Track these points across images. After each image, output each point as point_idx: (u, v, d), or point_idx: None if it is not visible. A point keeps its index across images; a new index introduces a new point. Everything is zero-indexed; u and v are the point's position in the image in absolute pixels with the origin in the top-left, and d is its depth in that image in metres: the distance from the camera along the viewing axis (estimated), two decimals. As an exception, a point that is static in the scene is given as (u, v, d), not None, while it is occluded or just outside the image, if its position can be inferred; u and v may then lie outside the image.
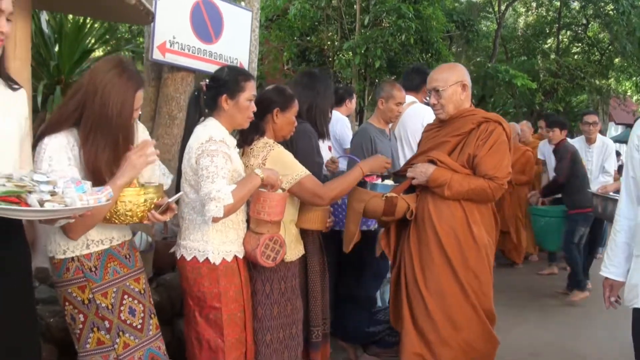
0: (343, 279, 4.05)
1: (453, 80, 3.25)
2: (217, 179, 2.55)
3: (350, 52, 10.61)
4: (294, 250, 3.14)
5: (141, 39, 8.03)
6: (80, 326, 2.43)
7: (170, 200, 2.43)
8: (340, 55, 11.50)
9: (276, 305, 3.04)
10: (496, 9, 17.16)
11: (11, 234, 2.05)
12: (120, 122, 2.33)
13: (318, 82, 3.56)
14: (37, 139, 2.30)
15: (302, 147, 3.28)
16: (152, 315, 2.58)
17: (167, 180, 2.72)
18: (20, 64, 3.46)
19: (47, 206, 1.70)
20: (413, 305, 3.23)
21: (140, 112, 2.48)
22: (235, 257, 2.81)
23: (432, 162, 3.21)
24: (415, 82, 4.79)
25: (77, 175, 2.19)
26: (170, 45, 4.51)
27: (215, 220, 2.59)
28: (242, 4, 5.66)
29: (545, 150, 7.37)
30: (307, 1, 11.12)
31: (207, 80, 2.87)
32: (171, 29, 4.50)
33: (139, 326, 2.50)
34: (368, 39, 10.55)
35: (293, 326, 3.10)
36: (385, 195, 3.13)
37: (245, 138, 3.03)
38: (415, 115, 4.55)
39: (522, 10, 20.16)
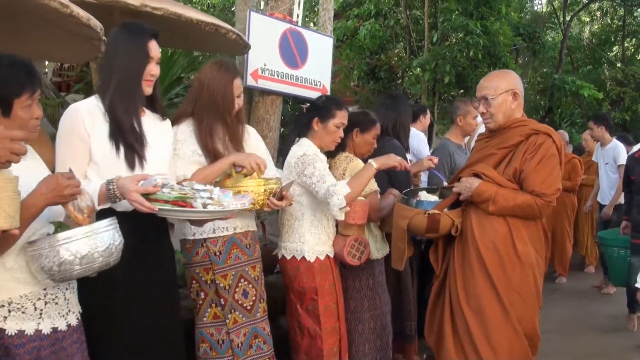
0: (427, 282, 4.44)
1: (503, 88, 3.09)
2: (326, 178, 3.07)
3: (420, 69, 10.97)
4: (379, 250, 3.59)
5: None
6: (201, 302, 2.95)
7: (283, 186, 2.92)
8: (410, 72, 11.86)
9: (366, 299, 3.50)
10: (561, 19, 17.14)
11: (163, 233, 2.60)
12: (225, 104, 2.94)
13: (400, 102, 4.06)
14: None
15: None
16: (262, 300, 3.07)
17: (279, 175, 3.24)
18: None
19: (210, 208, 2.21)
20: (455, 321, 3.12)
21: (241, 104, 3.08)
22: (327, 256, 3.28)
23: (477, 175, 3.10)
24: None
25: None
26: (262, 72, 5.04)
27: (343, 210, 3.07)
28: (312, 25, 6.12)
29: (599, 154, 7.20)
30: (377, 22, 11.59)
31: (307, 104, 3.40)
32: (262, 57, 5.03)
33: (249, 307, 2.98)
34: (437, 56, 10.89)
35: (383, 317, 3.55)
36: (428, 212, 3.07)
37: (330, 153, 3.52)
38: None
39: (587, 19, 20.02)
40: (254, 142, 3.16)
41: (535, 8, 19.85)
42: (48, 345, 2.03)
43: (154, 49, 2.47)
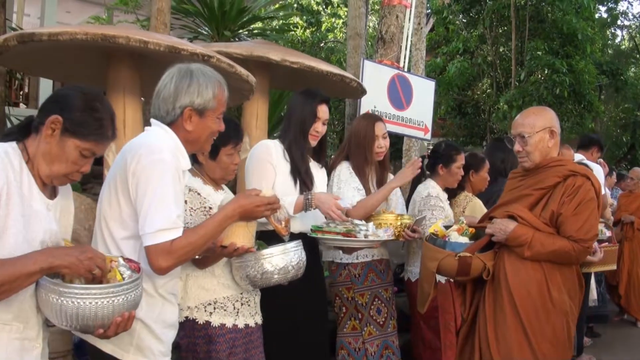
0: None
1: (540, 125, 2.97)
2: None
3: (506, 105, 11.30)
4: None
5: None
6: (342, 315, 3.51)
7: (416, 220, 3.45)
8: (497, 108, 12.20)
9: None
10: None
11: (318, 256, 3.18)
12: (368, 146, 3.61)
13: (505, 143, 4.54)
14: None
15: None
16: (392, 318, 3.59)
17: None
18: (260, 133, 4.70)
19: (370, 238, 2.81)
20: None
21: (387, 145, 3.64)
22: (448, 280, 3.75)
23: (512, 217, 2.94)
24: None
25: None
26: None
27: None
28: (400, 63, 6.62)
29: None
30: (465, 59, 12.04)
31: (429, 151, 3.95)
32: (372, 100, 5.58)
33: (382, 322, 3.50)
34: (524, 92, 11.22)
35: None
36: (459, 254, 2.91)
37: (451, 193, 4.02)
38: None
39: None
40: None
41: (617, 42, 19.78)
42: (241, 337, 2.60)
43: (323, 111, 3.09)
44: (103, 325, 1.69)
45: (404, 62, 5.99)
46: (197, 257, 2.29)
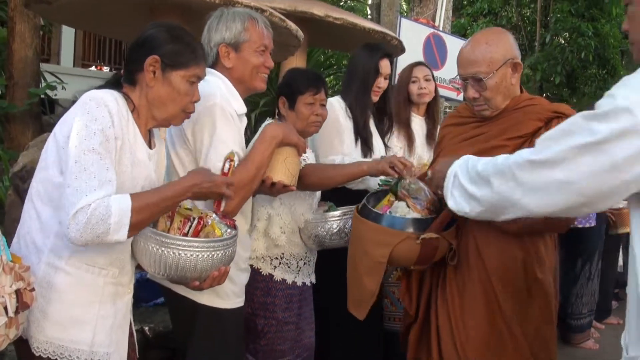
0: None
1: (500, 59, 2.12)
2: None
3: (530, 69, 11.19)
4: None
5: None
6: (387, 266, 3.53)
7: None
8: (520, 71, 12.09)
9: None
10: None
11: None
12: None
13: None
14: None
15: None
16: None
17: None
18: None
19: None
20: None
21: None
22: None
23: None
24: None
25: None
26: (407, 73, 5.56)
27: None
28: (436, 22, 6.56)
29: None
30: (491, 21, 11.88)
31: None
32: (408, 59, 5.52)
33: None
34: (548, 56, 11.08)
35: None
36: (421, 235, 2.08)
37: None
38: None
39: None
40: None
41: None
42: (297, 294, 2.63)
43: (385, 66, 3.03)
44: (200, 278, 1.72)
45: (439, 21, 5.92)
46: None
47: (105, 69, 11.72)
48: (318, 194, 2.72)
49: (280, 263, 2.58)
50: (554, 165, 1.30)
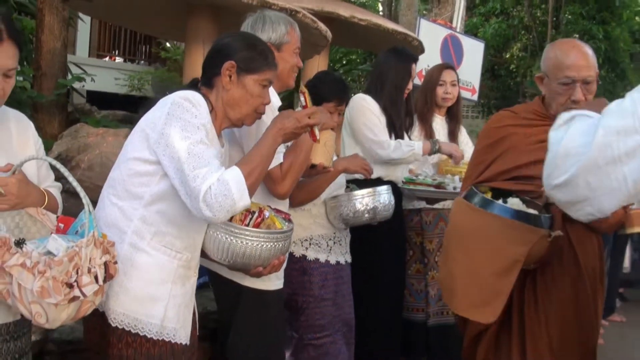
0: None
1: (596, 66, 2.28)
2: None
3: (540, 70, 11.29)
4: None
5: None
6: (409, 258, 3.64)
7: None
8: (531, 71, 12.20)
9: None
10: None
11: (400, 202, 3.37)
12: None
13: None
14: None
15: None
16: None
17: None
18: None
19: (458, 190, 2.97)
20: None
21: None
22: None
23: None
24: None
25: None
26: (425, 73, 5.72)
27: None
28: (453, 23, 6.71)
29: None
30: (502, 21, 12.00)
31: None
32: (426, 59, 5.70)
33: None
34: (559, 58, 11.18)
35: None
36: (554, 234, 2.04)
37: None
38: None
39: None
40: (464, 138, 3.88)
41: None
42: (332, 272, 2.81)
43: (414, 70, 3.27)
44: (262, 265, 1.91)
45: (457, 22, 6.08)
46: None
47: (119, 59, 11.84)
48: (342, 179, 2.91)
49: (310, 244, 2.79)
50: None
